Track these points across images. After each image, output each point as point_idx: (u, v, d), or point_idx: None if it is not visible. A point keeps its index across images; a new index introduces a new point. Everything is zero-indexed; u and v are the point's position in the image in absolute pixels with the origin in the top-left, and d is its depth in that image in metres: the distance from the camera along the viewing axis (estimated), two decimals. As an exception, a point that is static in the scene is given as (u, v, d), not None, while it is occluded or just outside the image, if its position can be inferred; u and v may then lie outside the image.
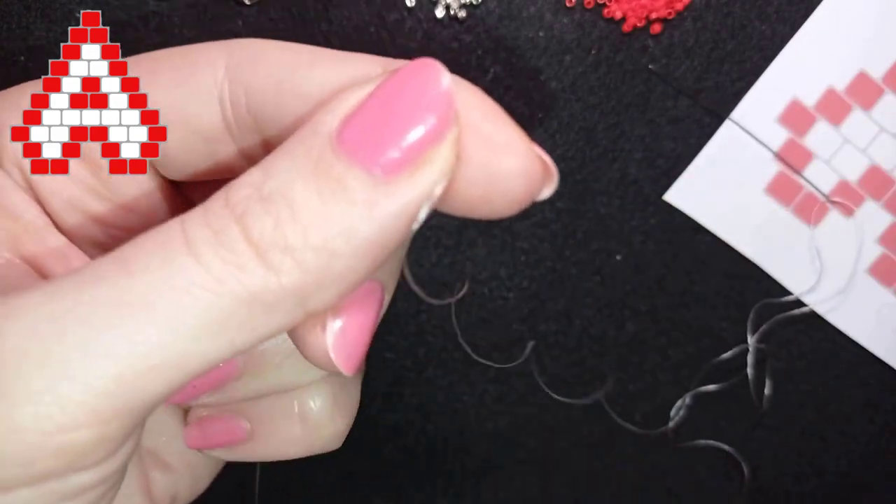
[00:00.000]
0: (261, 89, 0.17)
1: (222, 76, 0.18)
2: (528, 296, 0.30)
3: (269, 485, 0.33)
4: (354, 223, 0.15)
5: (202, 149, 0.19)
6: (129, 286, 0.14)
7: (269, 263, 0.15)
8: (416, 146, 0.15)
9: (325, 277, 0.15)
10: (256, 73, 0.17)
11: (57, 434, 0.14)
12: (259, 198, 0.15)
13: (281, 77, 0.17)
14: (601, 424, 0.31)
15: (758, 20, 0.27)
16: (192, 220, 0.15)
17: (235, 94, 0.18)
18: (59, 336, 0.14)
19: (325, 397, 0.21)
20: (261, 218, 0.15)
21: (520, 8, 0.26)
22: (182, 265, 0.14)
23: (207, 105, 0.18)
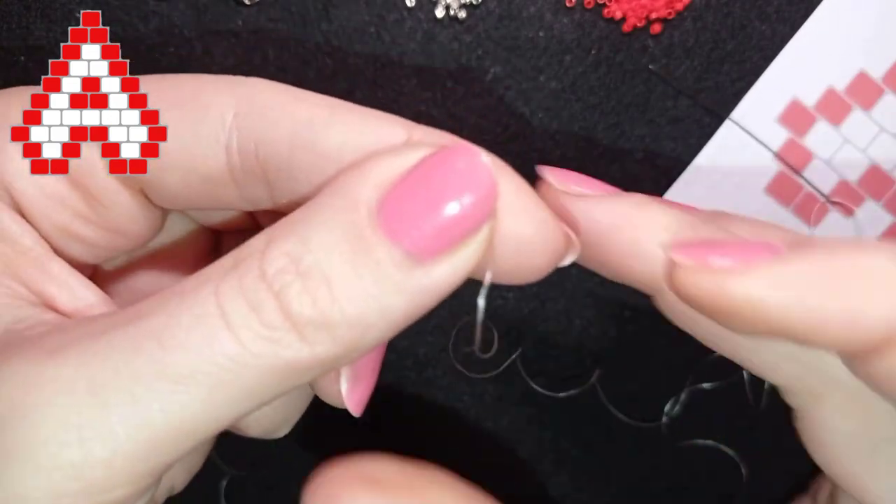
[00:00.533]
0: (273, 142, 0.17)
1: (230, 123, 0.17)
2: (528, 296, 0.30)
3: (269, 484, 0.33)
4: (390, 301, 0.15)
5: (201, 188, 0.19)
6: (168, 362, 0.15)
7: (304, 338, 0.15)
8: (456, 233, 0.15)
9: (356, 347, 0.16)
10: (269, 126, 0.17)
11: (96, 495, 0.15)
12: (296, 272, 0.15)
13: (296, 132, 0.17)
14: (601, 424, 0.31)
15: (758, 20, 0.27)
16: (227, 293, 0.15)
17: (245, 143, 0.17)
18: (100, 413, 0.15)
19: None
20: (300, 296, 0.15)
21: (520, 8, 0.26)
22: (220, 343, 0.15)
23: (213, 151, 0.18)
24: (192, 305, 0.15)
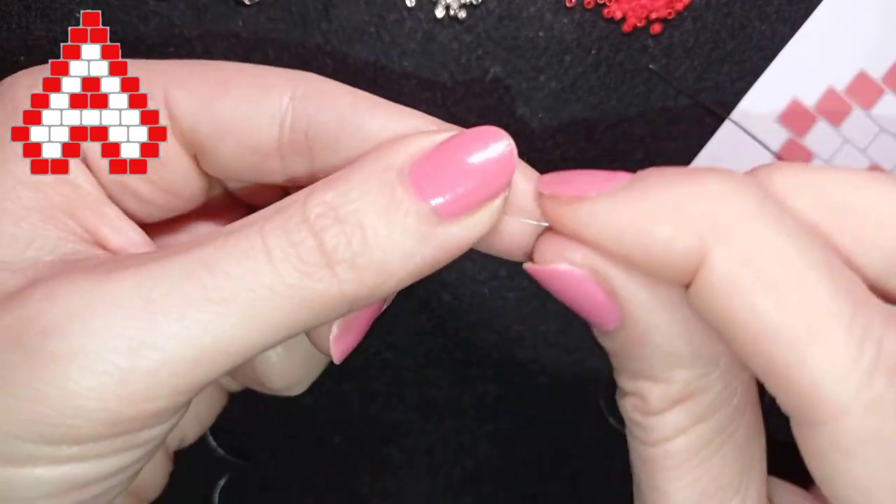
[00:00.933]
0: (324, 121, 0.20)
1: (287, 102, 0.20)
2: (528, 296, 0.30)
3: (268, 484, 0.33)
4: (412, 251, 0.18)
5: (251, 159, 0.21)
6: (214, 286, 0.17)
7: (335, 274, 0.17)
8: (476, 197, 0.18)
9: (377, 290, 0.18)
10: (321, 108, 0.20)
11: (138, 403, 0.17)
12: (335, 218, 0.17)
13: (344, 115, 0.20)
14: (601, 424, 0.31)
15: (758, 20, 0.27)
16: (271, 231, 0.17)
17: (298, 122, 0.20)
18: (151, 325, 0.16)
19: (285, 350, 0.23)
20: (336, 237, 0.17)
21: (520, 8, 0.26)
22: (260, 272, 0.17)
23: (268, 125, 0.20)
24: (239, 240, 0.17)
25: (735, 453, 0.20)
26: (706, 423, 0.19)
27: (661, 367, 0.19)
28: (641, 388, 0.19)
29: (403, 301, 0.30)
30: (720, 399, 0.19)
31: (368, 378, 0.31)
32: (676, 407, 0.19)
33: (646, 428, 0.19)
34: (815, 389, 0.15)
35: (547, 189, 0.19)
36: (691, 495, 0.19)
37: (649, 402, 0.19)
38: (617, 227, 0.17)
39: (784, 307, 0.15)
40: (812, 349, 0.15)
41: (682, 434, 0.19)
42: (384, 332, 0.30)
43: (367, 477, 0.33)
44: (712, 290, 0.16)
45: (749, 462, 0.20)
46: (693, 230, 0.16)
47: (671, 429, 0.19)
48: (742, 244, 0.16)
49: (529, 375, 0.31)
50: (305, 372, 0.24)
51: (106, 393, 0.16)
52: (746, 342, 0.16)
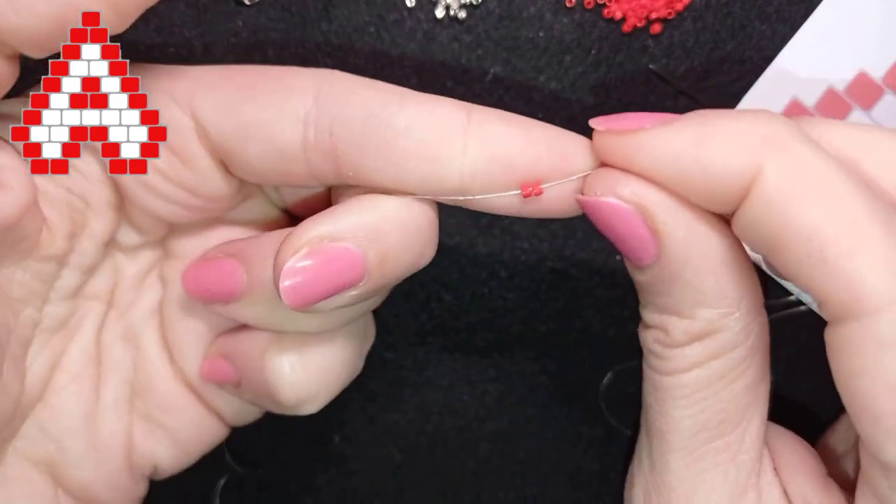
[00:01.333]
0: (348, 121, 0.19)
1: (311, 102, 0.20)
2: (528, 296, 0.30)
3: (268, 484, 0.33)
4: None
5: (275, 160, 0.20)
6: None
7: None
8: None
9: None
10: (346, 106, 0.20)
11: None
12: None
13: (370, 112, 0.19)
14: (601, 424, 0.31)
15: (758, 20, 0.27)
16: None
17: (322, 121, 0.20)
18: None
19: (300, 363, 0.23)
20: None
21: (520, 8, 0.26)
22: None
23: (292, 125, 0.20)
24: None
25: (742, 391, 0.21)
26: (720, 360, 0.20)
27: (689, 303, 0.20)
28: (666, 322, 0.21)
29: (403, 301, 0.30)
30: (737, 339, 0.20)
31: (368, 378, 0.31)
32: (696, 342, 0.20)
33: (664, 359, 0.21)
34: (862, 282, 0.17)
35: (602, 125, 0.19)
36: (696, 423, 0.21)
37: (671, 336, 0.20)
38: (674, 152, 0.18)
39: (833, 214, 0.17)
40: (860, 246, 0.17)
41: (697, 367, 0.20)
42: (384, 332, 0.30)
43: (367, 477, 0.33)
44: (767, 201, 0.18)
45: (753, 401, 0.21)
46: (747, 149, 0.18)
47: (688, 361, 0.20)
48: (793, 161, 0.18)
49: (529, 375, 0.31)
50: (319, 387, 0.23)
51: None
52: (799, 247, 0.17)
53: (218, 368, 0.24)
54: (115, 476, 0.24)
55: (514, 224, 0.29)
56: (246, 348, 0.23)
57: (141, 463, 0.24)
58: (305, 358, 0.23)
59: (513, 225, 0.29)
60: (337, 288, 0.20)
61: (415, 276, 0.30)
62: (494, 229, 0.29)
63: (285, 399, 0.23)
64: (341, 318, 0.23)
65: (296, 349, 0.23)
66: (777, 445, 0.23)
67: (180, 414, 0.25)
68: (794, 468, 0.22)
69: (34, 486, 0.22)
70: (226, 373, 0.24)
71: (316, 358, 0.23)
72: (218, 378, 0.24)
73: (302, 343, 0.23)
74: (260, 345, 0.23)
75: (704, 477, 0.21)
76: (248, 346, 0.23)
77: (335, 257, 0.19)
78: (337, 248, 0.19)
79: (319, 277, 0.19)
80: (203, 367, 0.24)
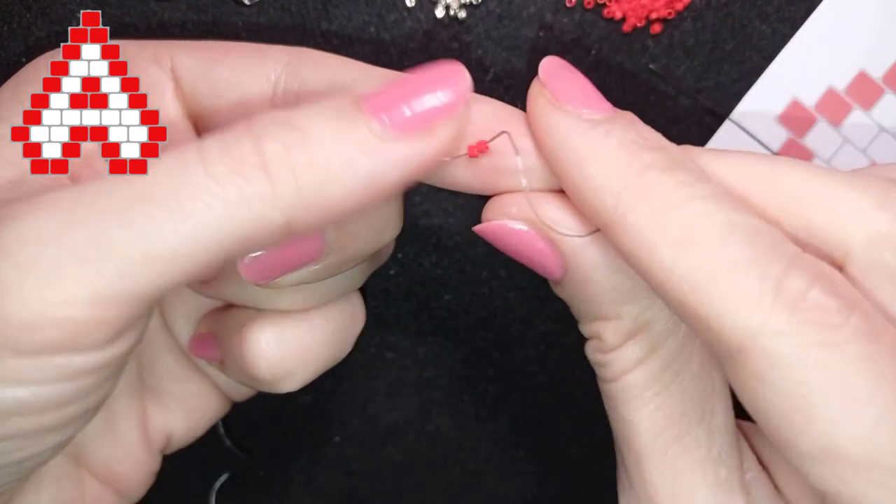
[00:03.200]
0: (316, 83, 0.20)
1: (282, 69, 0.21)
2: (528, 296, 0.30)
3: (269, 484, 0.33)
4: (356, 158, 0.17)
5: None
6: (142, 187, 0.16)
7: (269, 175, 0.16)
8: (427, 114, 0.18)
9: (315, 199, 0.17)
10: (315, 70, 0.20)
11: (60, 307, 0.16)
12: (277, 123, 0.17)
13: (334, 79, 0.20)
14: (601, 425, 0.31)
15: (758, 20, 0.27)
16: (209, 138, 0.17)
17: (290, 83, 0.20)
18: (72, 224, 0.16)
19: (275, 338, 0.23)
20: (275, 138, 0.17)
21: (520, 8, 0.26)
22: (191, 172, 0.16)
23: (262, 87, 0.21)
24: (178, 149, 0.17)
25: (692, 381, 0.21)
26: (659, 353, 0.20)
27: (609, 304, 0.20)
28: (597, 328, 0.21)
29: (403, 301, 0.30)
30: (668, 328, 0.20)
31: (368, 378, 0.31)
32: (629, 341, 0.20)
33: (605, 365, 0.21)
34: (720, 322, 0.16)
35: (543, 74, 0.20)
36: (655, 424, 0.21)
37: (605, 340, 0.21)
38: (570, 155, 0.19)
39: (685, 255, 0.17)
40: (715, 289, 0.16)
41: (639, 365, 0.20)
42: (384, 332, 0.30)
43: (367, 477, 0.33)
44: (621, 242, 0.18)
45: (709, 391, 0.21)
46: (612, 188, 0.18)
47: (628, 361, 0.20)
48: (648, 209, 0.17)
49: (529, 375, 0.31)
50: (298, 364, 0.24)
51: (26, 292, 0.16)
52: (658, 289, 0.18)
53: (203, 345, 0.25)
54: (133, 451, 0.25)
55: (514, 224, 0.29)
56: (227, 325, 0.24)
57: (155, 436, 0.25)
58: (282, 336, 0.23)
59: (513, 225, 0.29)
60: (294, 263, 0.20)
61: (415, 276, 0.30)
62: (494, 229, 0.29)
63: (261, 375, 0.23)
64: (315, 297, 0.23)
65: (273, 327, 0.23)
66: (762, 441, 0.22)
67: (185, 383, 0.26)
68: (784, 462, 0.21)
69: (60, 469, 0.23)
70: (211, 349, 0.24)
71: (292, 336, 0.23)
72: (204, 354, 0.25)
73: (279, 321, 0.23)
74: (239, 321, 0.23)
75: (683, 482, 0.21)
76: (230, 322, 0.24)
77: None
78: None
79: (276, 253, 0.20)
80: (190, 344, 0.25)
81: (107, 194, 0.16)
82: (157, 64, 0.21)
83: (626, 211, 0.18)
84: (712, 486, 0.20)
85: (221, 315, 0.24)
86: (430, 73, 0.18)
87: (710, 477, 0.21)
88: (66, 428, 0.18)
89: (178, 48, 0.21)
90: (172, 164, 0.16)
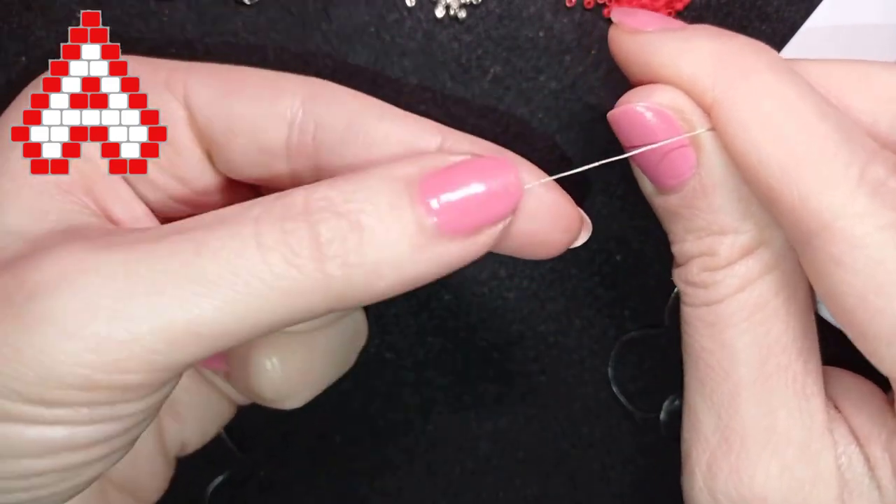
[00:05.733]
0: (331, 124, 0.20)
1: (298, 105, 0.20)
2: (528, 296, 0.30)
3: (269, 484, 0.33)
4: (406, 258, 0.17)
5: (258, 158, 0.21)
6: (199, 266, 0.17)
7: (324, 272, 0.17)
8: (478, 220, 0.18)
9: (362, 293, 0.18)
10: (332, 110, 0.20)
11: (112, 374, 0.16)
12: (335, 213, 0.17)
13: (352, 119, 0.20)
14: (601, 424, 0.31)
15: (758, 20, 0.27)
16: (266, 218, 0.17)
17: (306, 123, 0.20)
18: (130, 297, 0.16)
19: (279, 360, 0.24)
20: (332, 231, 0.17)
21: (520, 8, 0.26)
22: (248, 257, 0.17)
23: (278, 124, 0.20)
24: (232, 224, 0.17)
25: (799, 310, 0.21)
26: (773, 274, 0.20)
27: (734, 215, 0.20)
28: (710, 243, 0.20)
29: (403, 301, 0.30)
30: (785, 249, 0.20)
31: (368, 378, 0.31)
32: (747, 257, 0.20)
33: (713, 285, 0.20)
34: (805, 204, 0.17)
35: (617, 17, 0.21)
36: (761, 348, 0.20)
37: (720, 256, 0.20)
38: (660, 59, 0.19)
39: (778, 141, 0.18)
40: (803, 171, 0.17)
41: (751, 285, 0.20)
42: (384, 332, 0.30)
43: (367, 477, 0.33)
44: (720, 128, 0.19)
45: (808, 330, 0.21)
46: (707, 73, 0.19)
47: (741, 279, 0.20)
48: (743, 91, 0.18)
49: (529, 375, 0.31)
50: (299, 385, 0.24)
51: (79, 358, 0.16)
52: (749, 174, 0.18)
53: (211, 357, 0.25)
54: (152, 461, 0.25)
55: (514, 224, 0.29)
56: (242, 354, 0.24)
57: (171, 445, 0.26)
58: (287, 357, 0.23)
59: (513, 225, 0.29)
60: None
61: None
62: (494, 229, 0.29)
63: (266, 394, 0.24)
64: (323, 320, 0.23)
65: (278, 348, 0.23)
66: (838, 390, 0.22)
67: (196, 394, 0.26)
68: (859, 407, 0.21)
69: None
70: (217, 362, 0.25)
71: (297, 357, 0.24)
72: (211, 366, 0.26)
73: (284, 343, 0.24)
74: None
75: (778, 417, 0.20)
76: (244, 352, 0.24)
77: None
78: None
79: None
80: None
81: (163, 270, 0.17)
82: (170, 90, 0.21)
83: (722, 92, 0.18)
84: (807, 425, 0.20)
85: None
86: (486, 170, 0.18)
87: (804, 415, 0.20)
88: (107, 459, 0.19)
89: (192, 74, 0.21)
90: (229, 246, 0.17)
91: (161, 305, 0.16)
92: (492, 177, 0.18)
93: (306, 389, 0.25)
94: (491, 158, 0.19)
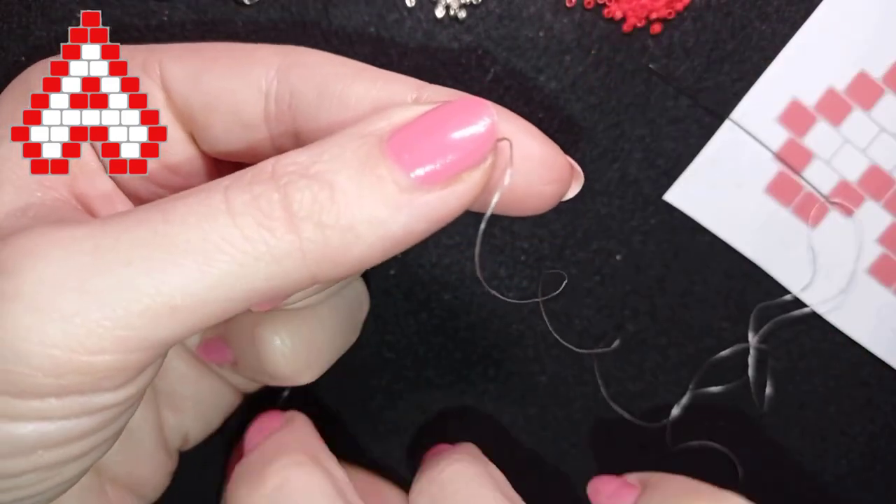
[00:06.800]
0: (306, 91, 0.19)
1: (273, 75, 0.20)
2: (529, 295, 0.30)
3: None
4: (383, 215, 0.16)
5: (240, 132, 0.20)
6: (167, 233, 0.16)
7: (298, 232, 0.16)
8: (454, 165, 0.17)
9: (341, 257, 0.17)
10: (305, 76, 0.20)
11: (83, 354, 0.16)
12: (304, 174, 0.16)
13: (326, 83, 0.19)
14: (601, 425, 0.31)
15: (758, 20, 0.27)
16: (236, 184, 0.17)
17: (282, 92, 0.20)
18: (96, 270, 0.16)
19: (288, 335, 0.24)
20: (302, 191, 0.16)
21: (520, 8, 0.26)
22: (218, 223, 0.16)
23: (254, 96, 0.20)
24: (202, 192, 0.17)
25: None
26: None
27: None
28: None
29: (403, 301, 0.30)
30: None
31: (368, 377, 0.31)
32: None
33: None
34: None
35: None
36: None
37: None
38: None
39: None
40: None
41: None
42: (384, 332, 0.30)
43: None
44: None
45: None
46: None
47: None
48: None
49: (529, 375, 0.31)
50: (312, 356, 0.24)
51: (48, 338, 0.15)
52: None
53: (213, 349, 0.25)
54: (151, 455, 0.25)
55: (514, 224, 0.29)
56: (237, 328, 0.24)
57: (172, 438, 0.26)
58: (294, 332, 0.24)
59: (513, 225, 0.29)
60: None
61: (415, 276, 0.30)
62: (494, 229, 0.29)
63: (281, 371, 0.24)
64: (322, 293, 0.23)
65: (285, 325, 0.23)
66: None
67: (197, 385, 0.26)
68: None
69: (82, 481, 0.23)
70: (221, 353, 0.25)
71: (304, 331, 0.24)
72: (214, 359, 0.25)
73: (290, 318, 0.24)
74: (250, 323, 0.24)
75: None
76: (239, 325, 0.24)
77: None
78: None
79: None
80: (200, 349, 0.26)
81: (130, 239, 0.16)
82: (147, 73, 0.20)
83: None
84: None
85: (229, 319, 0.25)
86: (458, 115, 0.17)
87: None
88: (87, 457, 0.18)
89: (166, 55, 0.20)
90: (198, 211, 0.16)
91: (128, 275, 0.16)
92: (463, 117, 0.17)
93: (318, 362, 0.25)
94: (461, 100, 0.18)
